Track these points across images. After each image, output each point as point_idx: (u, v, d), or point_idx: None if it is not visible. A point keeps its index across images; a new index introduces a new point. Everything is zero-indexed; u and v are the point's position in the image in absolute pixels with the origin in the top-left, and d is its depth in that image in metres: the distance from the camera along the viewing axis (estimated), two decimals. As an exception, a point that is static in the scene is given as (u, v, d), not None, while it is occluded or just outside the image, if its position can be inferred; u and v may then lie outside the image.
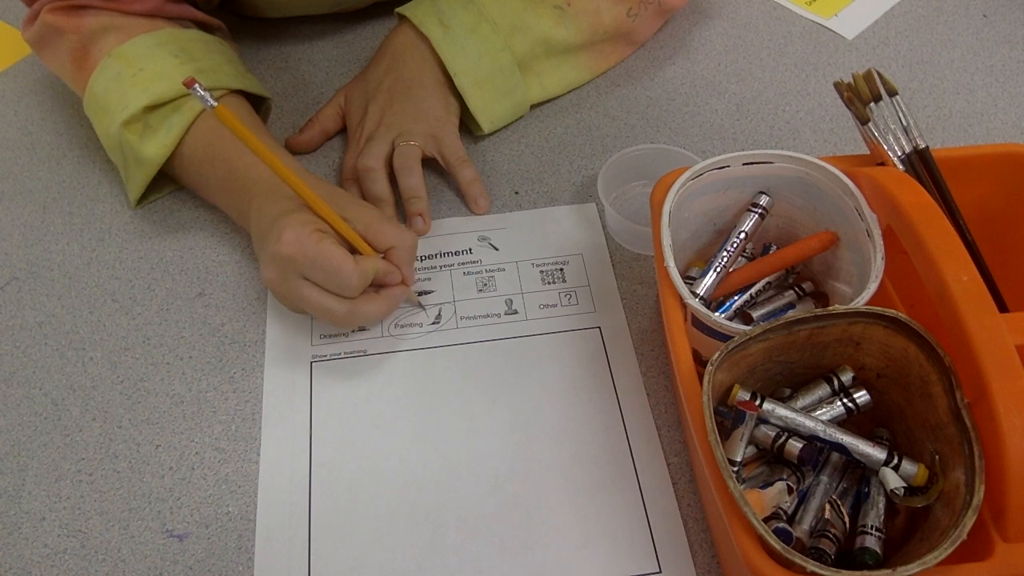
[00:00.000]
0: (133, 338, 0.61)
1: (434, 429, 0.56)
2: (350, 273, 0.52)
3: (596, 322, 0.61)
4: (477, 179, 0.67)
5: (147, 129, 0.61)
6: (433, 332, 0.60)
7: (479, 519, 0.52)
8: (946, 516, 0.41)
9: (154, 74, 0.60)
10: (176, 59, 0.61)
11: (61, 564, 0.51)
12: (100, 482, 0.54)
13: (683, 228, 0.55)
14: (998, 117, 0.74)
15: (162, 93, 0.60)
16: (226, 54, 0.66)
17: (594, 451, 0.54)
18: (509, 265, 0.64)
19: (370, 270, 0.54)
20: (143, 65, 0.61)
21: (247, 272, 0.64)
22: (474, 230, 0.66)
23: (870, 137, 0.53)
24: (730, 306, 0.55)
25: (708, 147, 0.72)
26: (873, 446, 0.45)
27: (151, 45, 0.62)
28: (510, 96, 0.70)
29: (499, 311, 0.62)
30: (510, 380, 0.58)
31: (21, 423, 0.57)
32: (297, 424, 0.56)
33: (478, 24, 0.68)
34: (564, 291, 0.63)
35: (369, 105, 0.69)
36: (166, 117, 0.61)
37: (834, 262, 0.54)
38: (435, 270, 0.64)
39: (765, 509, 0.43)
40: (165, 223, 0.67)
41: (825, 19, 0.83)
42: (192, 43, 0.64)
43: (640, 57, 0.79)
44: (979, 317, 0.40)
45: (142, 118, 0.61)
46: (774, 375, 0.49)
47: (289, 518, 0.52)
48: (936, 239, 0.43)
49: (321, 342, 0.60)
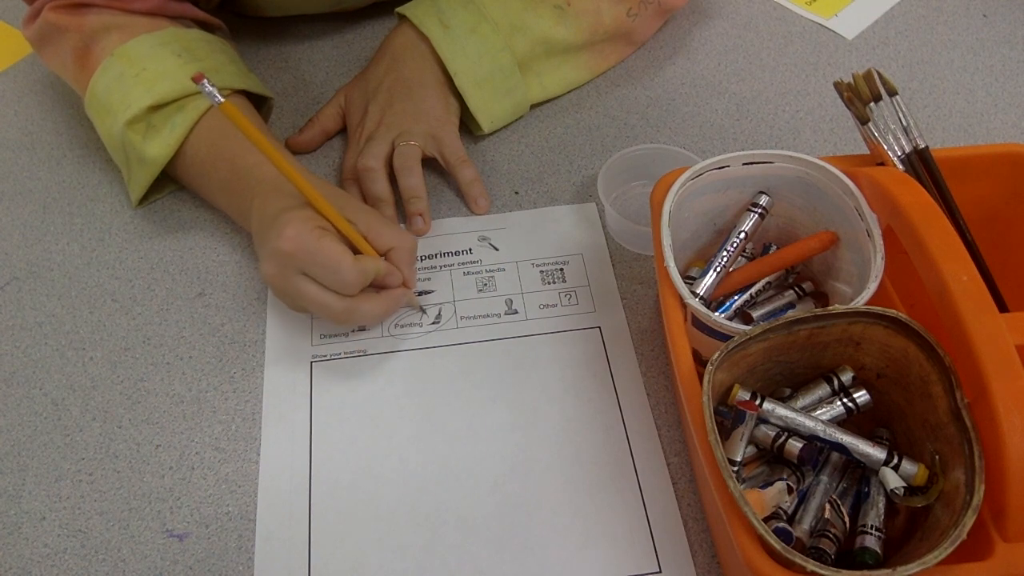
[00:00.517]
0: (133, 338, 0.61)
1: (434, 429, 0.56)
2: (349, 270, 0.52)
3: (596, 322, 0.61)
4: (477, 179, 0.67)
5: (150, 129, 0.61)
6: (433, 332, 0.60)
7: (479, 519, 0.52)
8: (946, 516, 0.41)
9: (157, 74, 0.60)
10: (179, 59, 0.61)
11: (61, 564, 0.51)
12: (100, 482, 0.54)
13: (683, 228, 0.55)
14: (998, 117, 0.74)
15: (165, 93, 0.60)
16: (228, 54, 0.66)
17: (594, 451, 0.54)
18: (509, 265, 0.64)
19: (370, 269, 0.54)
20: (146, 65, 0.61)
21: (247, 272, 0.64)
22: (474, 230, 0.66)
23: (870, 137, 0.53)
24: (730, 306, 0.55)
25: (708, 147, 0.72)
26: (873, 446, 0.45)
27: (153, 44, 0.62)
28: (510, 96, 0.70)
29: (499, 311, 0.62)
30: (510, 380, 0.58)
31: (21, 423, 0.57)
32: (297, 424, 0.56)
33: (478, 24, 0.68)
34: (564, 291, 0.63)
35: (369, 105, 0.69)
36: (169, 117, 0.61)
37: (834, 262, 0.54)
38: (435, 270, 0.64)
39: (765, 509, 0.43)
40: (165, 223, 0.67)
41: (825, 19, 0.83)
42: (195, 42, 0.64)
43: (640, 57, 0.79)
44: (979, 317, 0.40)
45: (145, 118, 0.61)
46: (774, 375, 0.49)
47: (289, 518, 0.52)
48: (936, 239, 0.43)
49: (321, 342, 0.60)
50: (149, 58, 0.61)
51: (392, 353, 0.59)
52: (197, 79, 0.49)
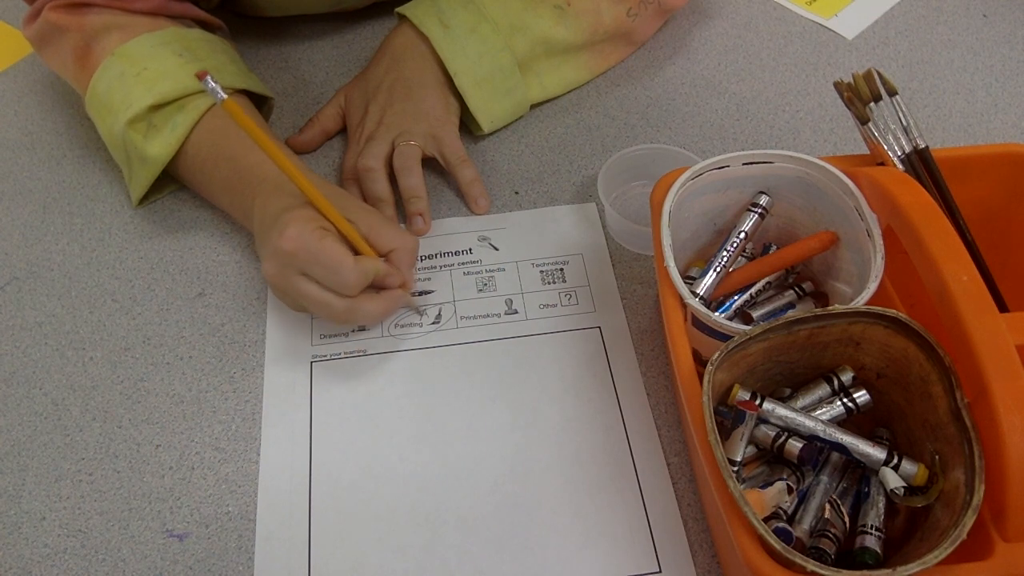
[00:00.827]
0: (133, 338, 0.61)
1: (434, 429, 0.56)
2: (350, 271, 0.52)
3: (596, 322, 0.61)
4: (477, 179, 0.67)
5: (151, 128, 0.61)
6: (433, 332, 0.60)
7: (479, 519, 0.52)
8: (946, 516, 0.41)
9: (158, 73, 0.60)
10: (180, 58, 0.61)
11: (61, 564, 0.51)
12: (100, 482, 0.54)
13: (683, 228, 0.55)
14: (998, 117, 0.74)
15: (167, 92, 0.60)
16: (229, 54, 0.66)
17: (594, 451, 0.54)
18: (509, 265, 0.64)
19: (370, 270, 0.54)
20: (147, 64, 0.61)
21: (247, 272, 0.64)
22: (474, 230, 0.66)
23: (870, 137, 0.53)
24: (730, 306, 0.55)
25: (708, 147, 0.72)
26: (873, 446, 0.45)
27: (154, 44, 0.62)
28: (510, 96, 0.70)
29: (499, 311, 0.62)
30: (510, 380, 0.58)
31: (21, 423, 0.57)
32: (297, 423, 0.56)
33: (478, 24, 0.68)
34: (564, 291, 0.63)
35: (369, 105, 0.69)
36: (170, 116, 0.61)
37: (834, 262, 0.54)
38: (435, 270, 0.64)
39: (765, 509, 0.43)
40: (165, 223, 0.67)
41: (825, 19, 0.83)
42: (196, 42, 0.64)
43: (640, 57, 0.79)
44: (979, 317, 0.40)
45: (146, 117, 0.61)
46: (774, 375, 0.49)
47: (289, 517, 0.52)
48: (936, 239, 0.43)
49: (321, 342, 0.60)
50: (150, 58, 0.61)
51: (392, 353, 0.59)
52: (201, 76, 0.49)
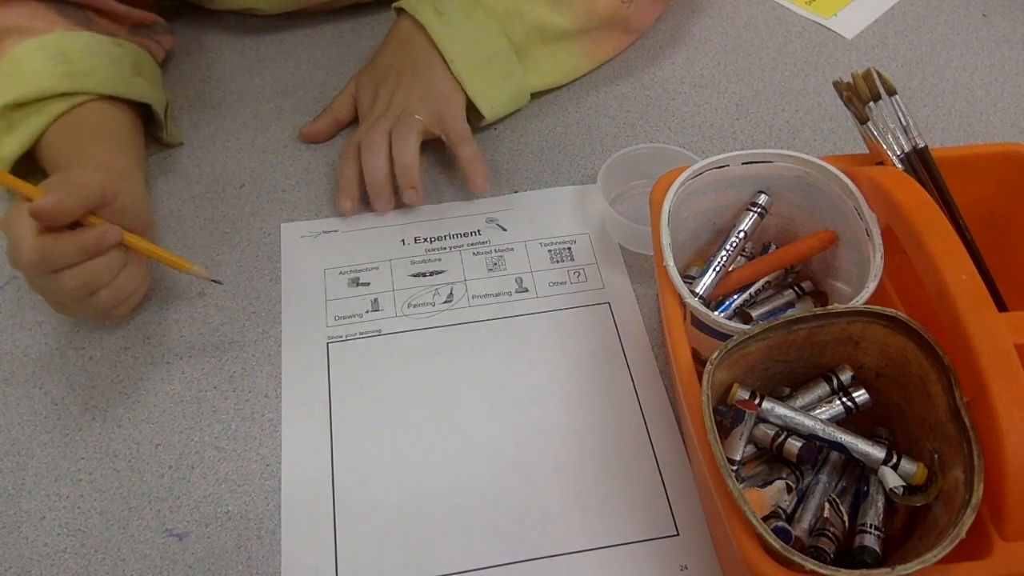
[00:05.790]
0: (133, 338, 0.61)
1: (452, 404, 0.57)
2: (19, 238, 0.50)
3: (605, 298, 0.62)
4: (477, 157, 0.66)
5: (9, 127, 0.62)
6: (446, 311, 0.61)
7: (500, 491, 0.53)
8: (945, 515, 0.41)
9: (25, 74, 0.61)
10: (51, 61, 0.62)
11: (61, 563, 0.51)
12: (100, 481, 0.54)
13: (682, 227, 0.55)
14: (998, 117, 0.74)
15: (27, 93, 0.61)
16: (112, 57, 0.65)
17: (609, 421, 0.56)
18: (518, 245, 0.65)
19: (69, 240, 0.51)
20: (19, 65, 0.62)
21: (247, 272, 0.64)
22: (481, 212, 0.67)
23: (869, 136, 0.53)
24: (729, 305, 0.55)
25: (708, 147, 0.72)
26: (872, 445, 0.45)
27: (34, 48, 0.62)
28: (508, 80, 0.70)
29: (510, 289, 0.63)
30: (524, 355, 0.59)
31: (21, 423, 0.57)
32: (317, 403, 0.57)
33: (472, 10, 0.69)
34: (573, 269, 0.64)
35: (380, 88, 0.69)
36: (27, 117, 0.61)
37: (833, 261, 0.54)
38: (445, 251, 0.65)
39: (764, 508, 0.43)
40: (165, 223, 0.67)
41: (825, 19, 0.83)
42: (75, 46, 0.63)
43: (640, 55, 0.79)
44: (978, 316, 0.40)
45: (6, 116, 0.62)
46: (773, 374, 0.49)
47: (315, 496, 0.53)
48: (935, 238, 0.43)
49: (336, 323, 0.61)
50: (24, 60, 0.62)
51: (406, 332, 0.60)
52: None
